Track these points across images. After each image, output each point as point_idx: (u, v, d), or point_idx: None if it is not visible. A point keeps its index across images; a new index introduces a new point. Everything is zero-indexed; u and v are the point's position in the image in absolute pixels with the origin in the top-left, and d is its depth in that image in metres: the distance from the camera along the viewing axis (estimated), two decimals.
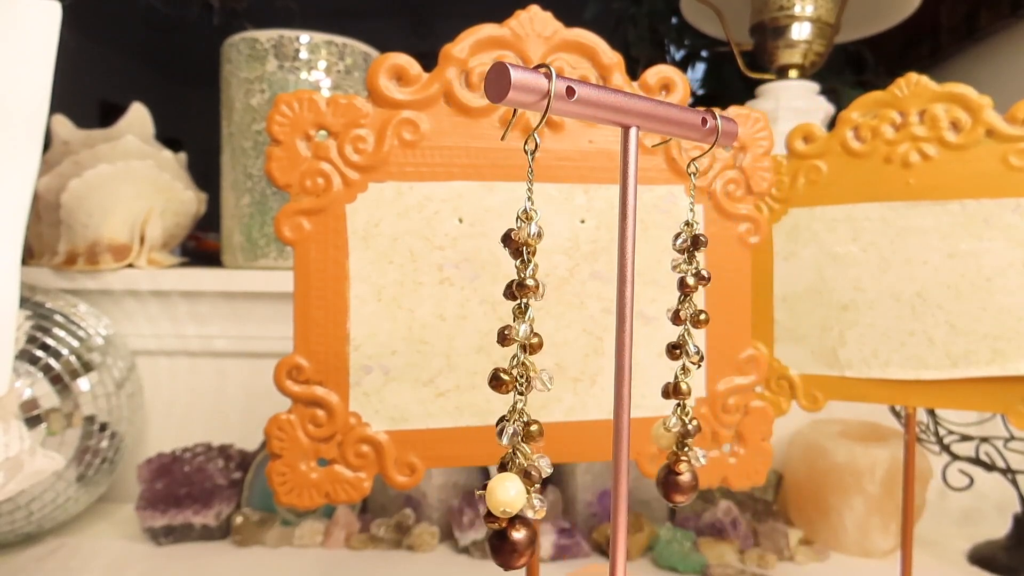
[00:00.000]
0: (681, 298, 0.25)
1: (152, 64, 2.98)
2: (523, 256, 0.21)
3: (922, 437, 0.65)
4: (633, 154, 0.23)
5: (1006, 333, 0.42)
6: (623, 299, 0.22)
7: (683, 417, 0.25)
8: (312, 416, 0.37)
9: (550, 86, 0.19)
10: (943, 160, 0.44)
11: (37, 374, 0.60)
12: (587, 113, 0.21)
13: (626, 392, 0.22)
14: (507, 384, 0.21)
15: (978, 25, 1.18)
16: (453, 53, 0.38)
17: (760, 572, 0.58)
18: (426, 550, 0.62)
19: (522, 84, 0.19)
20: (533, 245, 0.21)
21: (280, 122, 0.37)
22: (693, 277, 0.25)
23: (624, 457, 0.22)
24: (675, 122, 0.24)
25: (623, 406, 0.22)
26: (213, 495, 0.64)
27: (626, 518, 0.23)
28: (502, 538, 0.20)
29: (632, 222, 0.22)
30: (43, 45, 0.28)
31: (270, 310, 0.75)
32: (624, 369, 0.22)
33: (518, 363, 0.21)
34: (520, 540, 0.20)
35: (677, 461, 0.25)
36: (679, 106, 0.24)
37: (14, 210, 0.29)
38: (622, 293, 0.22)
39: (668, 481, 0.25)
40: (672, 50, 1.49)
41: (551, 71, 0.19)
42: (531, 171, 0.21)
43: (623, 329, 0.22)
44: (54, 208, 0.71)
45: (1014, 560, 0.60)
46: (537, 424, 0.21)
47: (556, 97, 0.19)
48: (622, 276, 0.22)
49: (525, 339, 0.21)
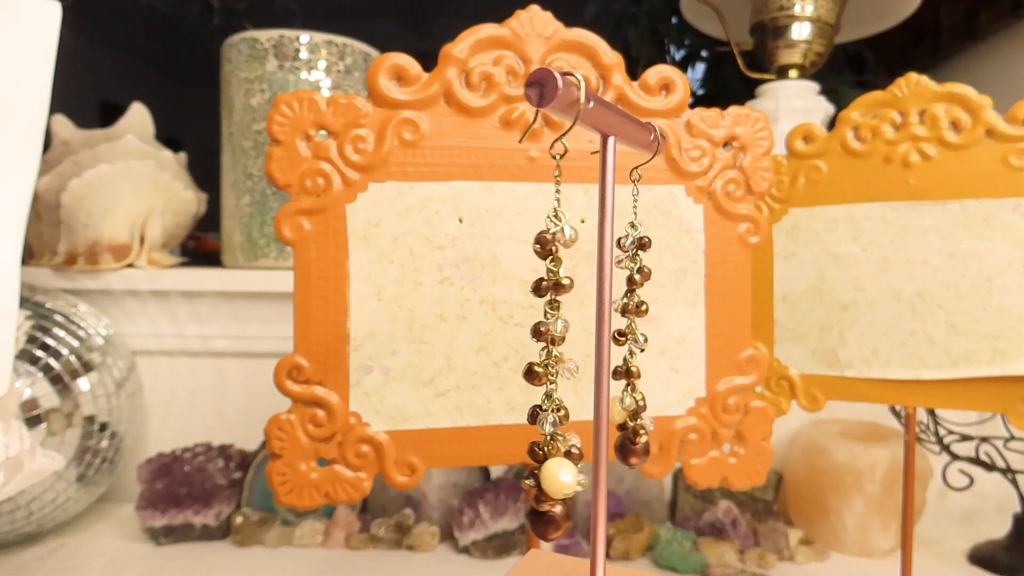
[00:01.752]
0: (627, 292, 0.27)
1: (152, 64, 2.98)
2: (553, 255, 0.22)
3: (922, 437, 0.65)
4: (611, 163, 0.23)
5: (1006, 333, 0.42)
6: (602, 302, 0.22)
7: (634, 396, 0.28)
8: (312, 416, 0.37)
9: (580, 95, 0.20)
10: (943, 160, 0.44)
11: (37, 374, 0.60)
12: (591, 122, 0.21)
13: (605, 394, 0.23)
14: (541, 376, 0.22)
15: (978, 25, 1.18)
16: (453, 53, 0.38)
17: (760, 572, 0.58)
18: (426, 550, 0.62)
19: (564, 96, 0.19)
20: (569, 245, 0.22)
21: (280, 122, 0.37)
22: (638, 274, 0.27)
23: (603, 458, 0.23)
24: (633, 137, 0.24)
25: (602, 406, 0.23)
26: (213, 495, 0.64)
27: (605, 517, 0.23)
28: (541, 514, 0.22)
29: (610, 226, 0.22)
30: (43, 45, 0.28)
31: (270, 310, 0.75)
32: (603, 371, 0.22)
33: (549, 356, 0.22)
34: (558, 514, 0.22)
35: (635, 433, 0.28)
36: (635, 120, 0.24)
37: (14, 210, 0.29)
38: (601, 296, 0.22)
39: (625, 448, 0.28)
40: (672, 50, 1.49)
41: (581, 81, 0.20)
42: (559, 173, 0.22)
43: (602, 332, 0.22)
44: (54, 208, 0.71)
45: (1014, 560, 0.60)
46: (565, 409, 0.23)
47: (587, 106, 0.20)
48: (601, 278, 0.22)
49: (562, 334, 0.22)
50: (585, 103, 0.20)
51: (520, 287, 0.39)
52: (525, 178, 0.39)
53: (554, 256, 0.22)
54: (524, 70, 0.39)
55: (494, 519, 0.62)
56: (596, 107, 0.21)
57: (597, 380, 0.23)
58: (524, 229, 0.39)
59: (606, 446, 0.23)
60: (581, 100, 0.20)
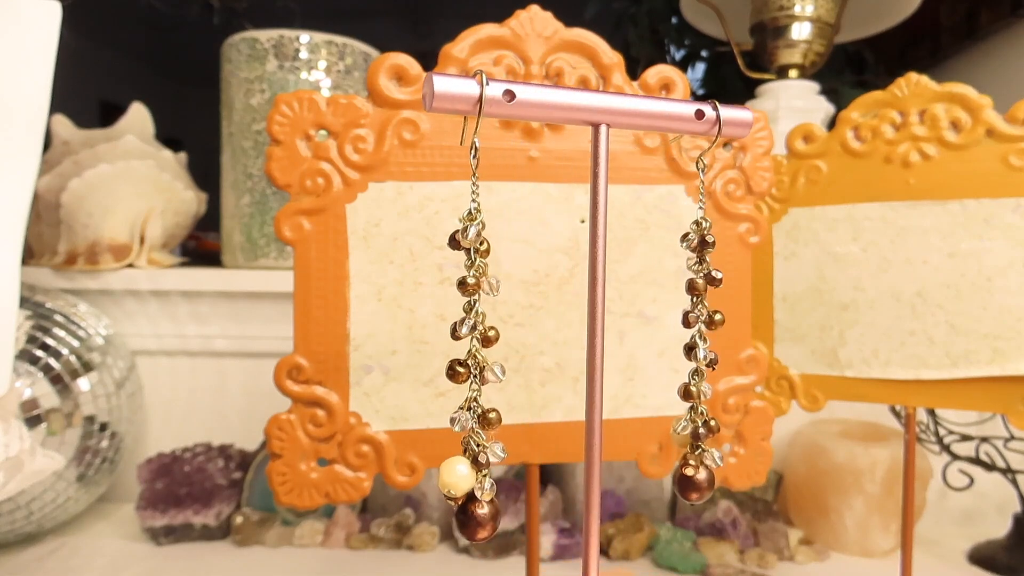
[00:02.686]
0: (693, 300, 0.25)
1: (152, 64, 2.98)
2: (470, 256, 0.22)
3: (922, 437, 0.65)
4: (603, 153, 0.23)
5: (1006, 333, 0.42)
6: (594, 301, 0.22)
7: (696, 419, 0.26)
8: (312, 416, 0.37)
9: (481, 92, 0.20)
10: (943, 160, 0.44)
11: (37, 374, 0.60)
12: (538, 114, 0.21)
13: (598, 393, 0.22)
14: (462, 375, 0.22)
15: (978, 25, 1.18)
16: (453, 53, 0.38)
17: (760, 572, 0.58)
18: (426, 550, 0.62)
19: (446, 95, 0.20)
20: (480, 247, 0.22)
21: (280, 122, 0.37)
22: (703, 279, 0.25)
23: (596, 458, 0.23)
24: (659, 116, 0.23)
25: (595, 407, 0.23)
26: (213, 495, 0.64)
27: (598, 518, 0.23)
28: (466, 513, 0.22)
29: (603, 224, 0.22)
30: (43, 45, 0.28)
31: (270, 310, 0.75)
32: (596, 371, 0.22)
33: (471, 356, 0.22)
34: (483, 515, 0.22)
35: (685, 463, 0.26)
36: (665, 99, 0.23)
37: (14, 210, 0.29)
38: (593, 295, 0.22)
39: (679, 479, 0.26)
40: (672, 50, 1.49)
41: (483, 77, 0.20)
42: (475, 172, 0.22)
43: (594, 331, 0.22)
44: (54, 208, 0.71)
45: (1014, 560, 0.60)
46: (495, 412, 0.22)
47: (492, 103, 0.20)
48: (593, 278, 0.22)
49: (475, 334, 0.22)
50: (506, 100, 0.20)
51: (520, 287, 0.39)
52: (525, 178, 0.39)
53: (470, 257, 0.22)
54: (524, 70, 0.39)
55: None
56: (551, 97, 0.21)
57: (589, 379, 0.22)
58: (524, 229, 0.39)
59: (599, 447, 0.23)
60: (482, 99, 0.20)
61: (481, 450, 0.22)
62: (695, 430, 0.26)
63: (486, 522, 0.22)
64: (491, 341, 0.22)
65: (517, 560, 0.61)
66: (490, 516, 0.22)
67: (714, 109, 0.24)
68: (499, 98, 0.21)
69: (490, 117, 0.21)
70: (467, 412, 0.22)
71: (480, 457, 0.22)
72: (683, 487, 0.26)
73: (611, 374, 0.40)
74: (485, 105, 0.20)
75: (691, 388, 0.26)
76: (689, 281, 0.25)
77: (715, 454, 0.26)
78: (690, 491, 0.25)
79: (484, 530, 0.22)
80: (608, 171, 0.39)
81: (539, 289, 0.39)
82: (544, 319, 0.39)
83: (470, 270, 0.22)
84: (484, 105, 0.20)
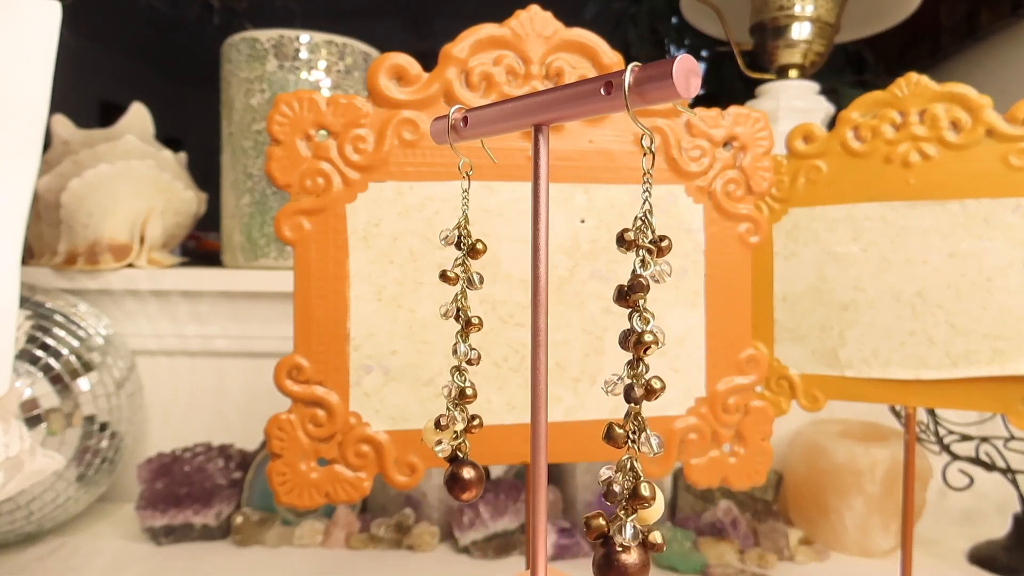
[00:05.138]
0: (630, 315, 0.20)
1: (152, 64, 2.98)
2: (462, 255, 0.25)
3: (922, 437, 0.65)
4: (544, 154, 0.22)
5: (1006, 333, 0.42)
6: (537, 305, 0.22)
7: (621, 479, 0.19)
8: (312, 416, 0.37)
9: (447, 124, 0.24)
10: (943, 160, 0.44)
11: (37, 374, 0.60)
12: (493, 130, 0.23)
13: (542, 393, 0.23)
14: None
15: (978, 25, 1.18)
16: (453, 53, 0.38)
17: (760, 572, 0.58)
18: (426, 550, 0.62)
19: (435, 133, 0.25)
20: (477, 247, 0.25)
21: (280, 122, 0.37)
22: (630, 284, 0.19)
23: (542, 458, 0.23)
24: (574, 100, 0.20)
25: (540, 408, 0.23)
26: (213, 495, 0.64)
27: (545, 518, 0.24)
28: (453, 476, 0.25)
29: (544, 224, 0.22)
30: (43, 45, 0.28)
31: (270, 310, 0.75)
32: (540, 372, 0.23)
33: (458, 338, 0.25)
34: (470, 479, 0.25)
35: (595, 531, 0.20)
36: (575, 83, 0.21)
37: (14, 210, 0.29)
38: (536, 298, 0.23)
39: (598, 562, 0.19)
40: (672, 50, 1.49)
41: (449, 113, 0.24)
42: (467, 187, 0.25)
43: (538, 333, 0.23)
44: (54, 208, 0.71)
45: (1014, 560, 0.60)
46: (472, 387, 0.25)
47: (456, 131, 0.24)
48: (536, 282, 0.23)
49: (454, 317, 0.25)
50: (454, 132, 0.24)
51: (520, 287, 0.39)
52: (525, 178, 0.39)
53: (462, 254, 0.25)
54: (524, 70, 0.39)
55: (494, 519, 0.62)
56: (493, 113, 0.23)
57: (534, 379, 0.23)
58: (524, 229, 0.39)
59: (544, 446, 0.23)
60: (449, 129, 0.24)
61: (443, 415, 0.25)
62: (608, 487, 0.19)
63: (472, 485, 0.25)
64: (472, 327, 0.25)
65: (517, 560, 0.61)
66: (477, 479, 0.25)
67: (621, 75, 0.19)
68: (458, 126, 0.24)
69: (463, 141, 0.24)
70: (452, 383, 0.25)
71: (442, 420, 0.25)
72: (601, 569, 0.19)
73: (611, 374, 0.40)
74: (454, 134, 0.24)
75: (615, 430, 0.20)
76: (617, 289, 0.20)
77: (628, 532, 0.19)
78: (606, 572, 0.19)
79: (469, 492, 0.25)
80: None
81: None
82: None
83: (456, 266, 0.25)
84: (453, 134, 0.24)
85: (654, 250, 0.19)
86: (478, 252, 0.25)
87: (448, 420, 0.25)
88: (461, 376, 0.25)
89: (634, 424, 0.20)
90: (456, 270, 0.25)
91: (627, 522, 0.19)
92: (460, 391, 0.25)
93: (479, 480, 0.25)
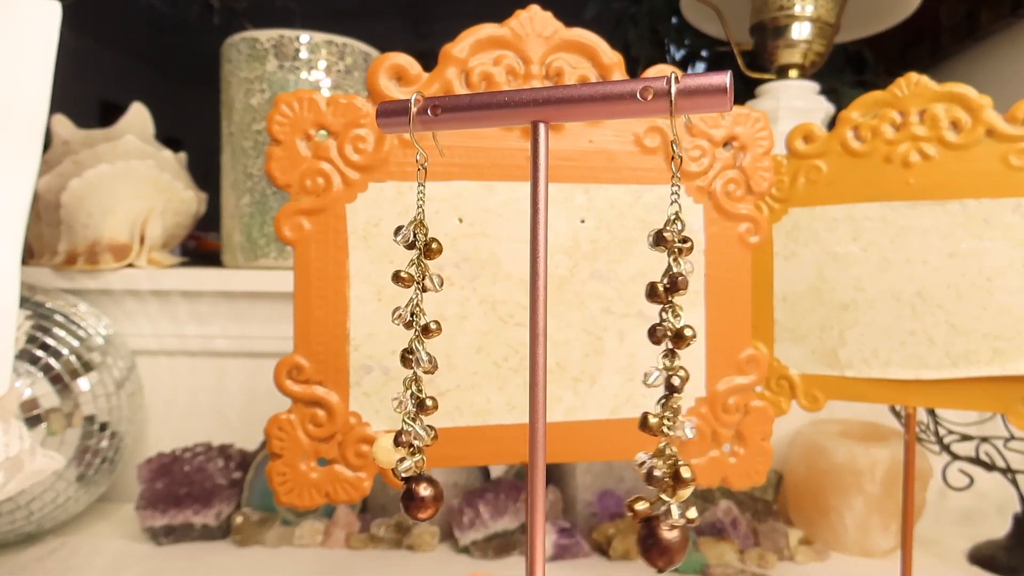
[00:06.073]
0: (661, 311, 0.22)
1: (152, 64, 2.98)
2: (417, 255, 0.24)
3: (922, 437, 0.65)
4: (543, 151, 0.22)
5: (1006, 333, 0.42)
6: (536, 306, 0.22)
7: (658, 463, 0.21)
8: (312, 416, 0.37)
9: (410, 111, 0.22)
10: (943, 160, 0.44)
11: (37, 374, 0.60)
12: (472, 122, 0.22)
13: (540, 395, 0.23)
14: (409, 361, 0.24)
15: (978, 25, 1.18)
16: (453, 53, 0.38)
17: (760, 572, 0.58)
18: (426, 550, 0.62)
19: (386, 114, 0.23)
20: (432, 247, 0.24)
21: (280, 122, 0.37)
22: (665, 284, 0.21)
23: (540, 458, 0.23)
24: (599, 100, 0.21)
25: (538, 409, 0.23)
26: (213, 495, 0.64)
27: (543, 518, 0.23)
28: (409, 494, 0.24)
29: (544, 223, 0.22)
30: (43, 45, 0.28)
31: (270, 310, 0.75)
32: (538, 372, 0.22)
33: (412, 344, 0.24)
34: (427, 496, 0.24)
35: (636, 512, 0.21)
36: (605, 82, 0.21)
37: (14, 210, 0.29)
38: (535, 298, 0.22)
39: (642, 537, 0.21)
40: (672, 50, 1.49)
41: (412, 99, 0.23)
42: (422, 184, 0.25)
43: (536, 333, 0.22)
44: (54, 208, 0.71)
45: (1014, 560, 0.60)
46: (432, 399, 0.24)
47: (421, 119, 0.23)
48: (534, 281, 0.22)
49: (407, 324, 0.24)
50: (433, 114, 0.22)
51: (520, 287, 0.39)
52: (525, 178, 0.39)
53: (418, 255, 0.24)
54: (524, 70, 0.39)
55: (494, 519, 0.62)
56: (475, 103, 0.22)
57: (532, 379, 0.23)
58: (524, 229, 0.39)
59: (543, 446, 0.23)
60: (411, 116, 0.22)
61: (403, 432, 0.24)
62: (650, 473, 0.21)
63: (430, 503, 0.24)
64: (430, 332, 0.24)
65: (517, 560, 0.61)
66: (433, 497, 0.24)
67: (667, 83, 0.20)
68: (427, 115, 0.22)
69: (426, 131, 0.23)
70: (407, 394, 0.24)
71: (403, 436, 0.24)
72: (646, 547, 0.20)
73: (611, 374, 0.40)
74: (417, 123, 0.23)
75: (650, 419, 0.21)
76: (649, 286, 0.21)
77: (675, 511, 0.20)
78: (655, 555, 0.20)
79: (427, 510, 0.24)
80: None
81: None
82: None
83: (410, 267, 0.24)
84: (415, 123, 0.22)
85: (683, 250, 0.21)
86: (433, 252, 0.23)
87: (409, 437, 0.23)
88: (418, 387, 0.23)
89: (670, 412, 0.21)
90: (410, 270, 0.23)
91: (673, 503, 0.20)
92: (419, 402, 0.23)
93: (438, 497, 0.24)
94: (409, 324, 0.24)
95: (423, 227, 0.24)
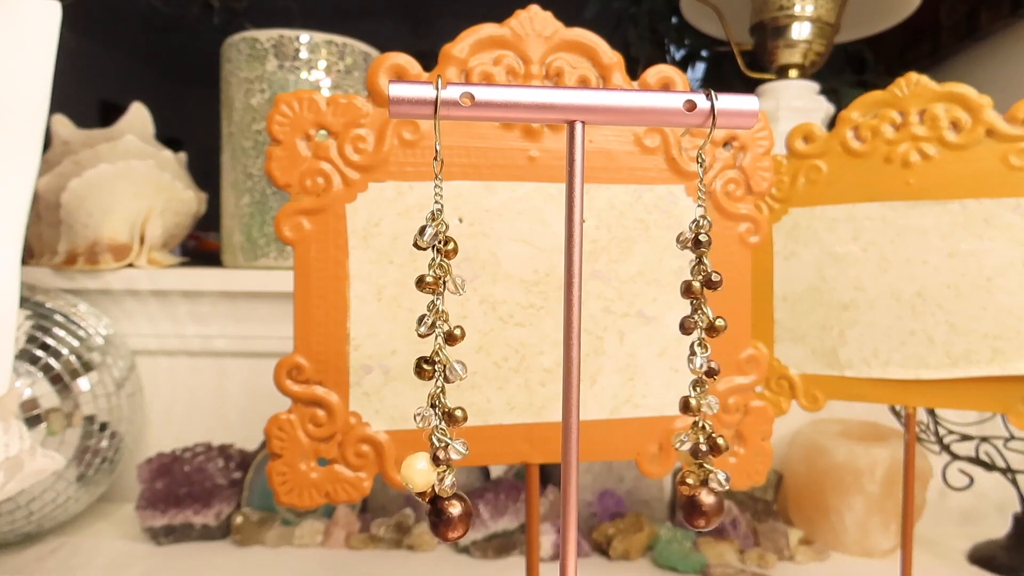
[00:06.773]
0: (692, 304, 0.24)
1: (152, 64, 2.98)
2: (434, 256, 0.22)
3: (922, 437, 0.65)
4: (579, 152, 0.22)
5: (1006, 333, 0.42)
6: (570, 302, 0.22)
7: (697, 435, 0.24)
8: (312, 416, 0.37)
9: (437, 96, 0.20)
10: (943, 160, 0.44)
11: (37, 374, 0.60)
12: (504, 115, 0.21)
13: (575, 394, 0.23)
14: (427, 372, 0.23)
15: (978, 25, 1.18)
16: (453, 53, 0.38)
17: (760, 572, 0.58)
18: (426, 550, 0.62)
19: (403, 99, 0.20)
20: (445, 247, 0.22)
21: (280, 122, 0.37)
22: (700, 282, 0.24)
23: (573, 459, 0.23)
24: (641, 110, 0.22)
25: (572, 408, 0.23)
26: (213, 495, 0.64)
27: (576, 518, 0.24)
28: (438, 512, 0.22)
29: (579, 223, 0.22)
30: (43, 45, 0.28)
31: (270, 310, 0.75)
32: (572, 372, 0.22)
33: (436, 354, 0.23)
34: (455, 515, 0.22)
35: (683, 481, 0.24)
36: (648, 91, 0.22)
37: (14, 210, 0.29)
38: (569, 296, 0.22)
39: (685, 502, 0.24)
40: (672, 50, 1.49)
41: (439, 82, 0.21)
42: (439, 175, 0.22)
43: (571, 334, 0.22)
44: (54, 208, 0.71)
45: (1014, 560, 0.60)
46: (461, 410, 0.23)
47: (449, 105, 0.21)
48: (569, 280, 0.22)
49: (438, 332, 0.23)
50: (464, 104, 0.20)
51: (520, 287, 0.39)
52: (525, 178, 0.39)
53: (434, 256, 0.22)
54: (524, 70, 0.39)
55: (494, 519, 0.62)
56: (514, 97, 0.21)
57: (566, 379, 0.22)
58: (524, 229, 0.39)
59: (576, 446, 0.23)
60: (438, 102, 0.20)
61: (441, 447, 0.22)
62: (695, 447, 0.24)
63: (458, 522, 0.22)
64: (455, 339, 0.22)
65: (517, 560, 0.61)
66: (462, 515, 0.22)
67: (708, 99, 0.22)
68: (457, 101, 0.21)
69: (453, 120, 0.21)
70: (431, 408, 0.22)
71: (439, 454, 0.22)
72: (689, 511, 0.24)
73: (611, 374, 0.40)
74: (444, 109, 0.21)
75: (691, 401, 0.24)
76: (685, 283, 0.24)
77: (721, 476, 0.24)
78: (696, 517, 0.24)
79: (456, 531, 0.22)
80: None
81: (539, 289, 0.39)
82: (544, 319, 0.39)
83: (431, 269, 0.22)
84: (443, 109, 0.21)
85: (706, 251, 0.24)
86: (451, 252, 0.22)
87: (447, 453, 0.22)
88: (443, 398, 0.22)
89: (703, 393, 0.24)
90: (435, 272, 0.22)
91: (717, 472, 0.24)
92: (448, 415, 0.22)
93: (468, 513, 0.22)
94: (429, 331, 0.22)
95: (444, 225, 0.22)
